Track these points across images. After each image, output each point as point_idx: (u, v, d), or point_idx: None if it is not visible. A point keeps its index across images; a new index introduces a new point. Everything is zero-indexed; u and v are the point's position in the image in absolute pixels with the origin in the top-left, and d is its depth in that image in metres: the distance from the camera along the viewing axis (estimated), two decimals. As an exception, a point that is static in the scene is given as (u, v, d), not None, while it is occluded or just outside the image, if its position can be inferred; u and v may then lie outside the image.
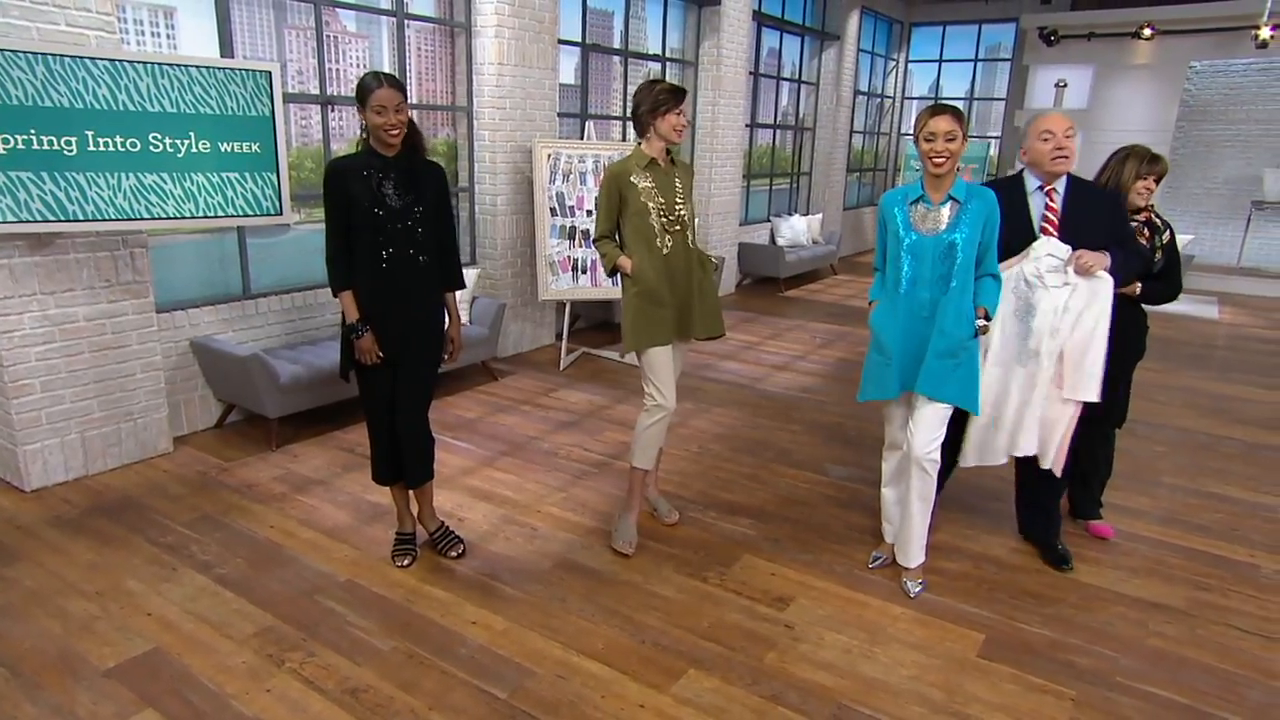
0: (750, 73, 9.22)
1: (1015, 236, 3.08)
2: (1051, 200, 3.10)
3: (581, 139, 6.63)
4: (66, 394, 3.88)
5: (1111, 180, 3.38)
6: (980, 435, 3.25)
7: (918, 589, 3.19)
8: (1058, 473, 3.28)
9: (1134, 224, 3.35)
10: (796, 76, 10.78)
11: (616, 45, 7.53)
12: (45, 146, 3.42)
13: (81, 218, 3.54)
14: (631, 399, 5.30)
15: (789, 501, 3.97)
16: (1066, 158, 3.02)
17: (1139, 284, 3.35)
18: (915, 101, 13.74)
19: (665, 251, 3.25)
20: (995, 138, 12.78)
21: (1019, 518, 3.64)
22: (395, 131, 2.84)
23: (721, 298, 8.78)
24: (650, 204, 3.21)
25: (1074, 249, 3.01)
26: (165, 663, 2.64)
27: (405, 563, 3.25)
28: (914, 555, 3.22)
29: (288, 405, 4.34)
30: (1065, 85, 10.85)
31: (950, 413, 3.04)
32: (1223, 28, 9.75)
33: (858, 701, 2.57)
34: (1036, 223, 3.11)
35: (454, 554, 3.31)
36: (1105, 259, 3.01)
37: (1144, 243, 3.33)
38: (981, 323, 2.98)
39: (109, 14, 3.75)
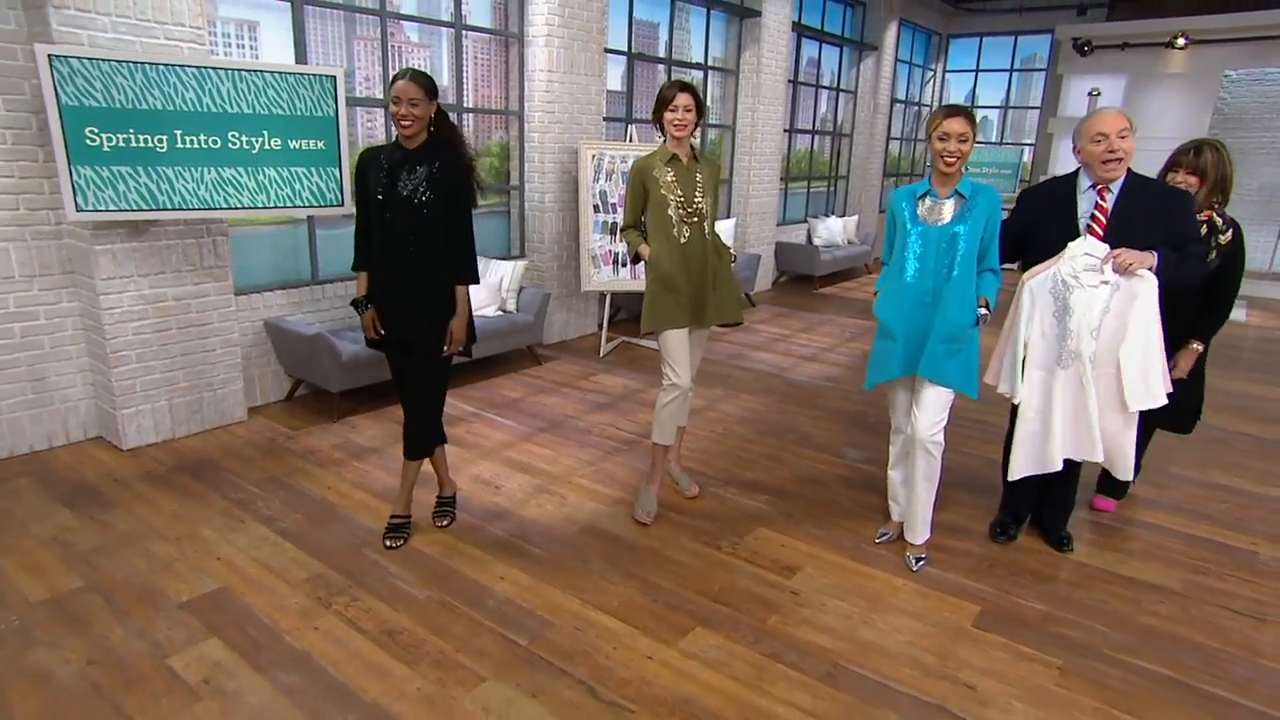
0: (789, 81, 9.13)
1: (1060, 235, 2.91)
2: (1102, 199, 2.86)
3: (625, 141, 6.67)
4: (157, 365, 4.08)
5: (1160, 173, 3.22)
6: (1032, 443, 3.03)
7: (920, 563, 3.17)
8: (1131, 479, 3.09)
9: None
10: (835, 85, 10.64)
11: (661, 54, 7.54)
12: (141, 144, 3.61)
13: (170, 207, 3.73)
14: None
15: (806, 481, 3.96)
16: (1120, 160, 2.77)
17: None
18: (952, 109, 13.44)
19: (682, 241, 3.27)
20: (1030, 145, 12.43)
21: (1034, 508, 3.44)
22: (407, 123, 2.79)
23: (758, 293, 8.84)
24: (670, 196, 3.24)
25: (1116, 248, 2.79)
26: (230, 600, 2.79)
27: (392, 544, 3.14)
28: (919, 532, 3.21)
29: (348, 381, 4.47)
30: (1099, 94, 10.47)
31: (952, 398, 3.01)
32: (1257, 36, 9.28)
33: (853, 662, 2.58)
34: (1083, 221, 2.91)
35: (441, 523, 3.33)
36: (1148, 258, 2.74)
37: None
38: (982, 311, 2.94)
39: (200, 28, 3.93)
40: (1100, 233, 2.86)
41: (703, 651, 2.60)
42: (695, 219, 3.28)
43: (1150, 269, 2.77)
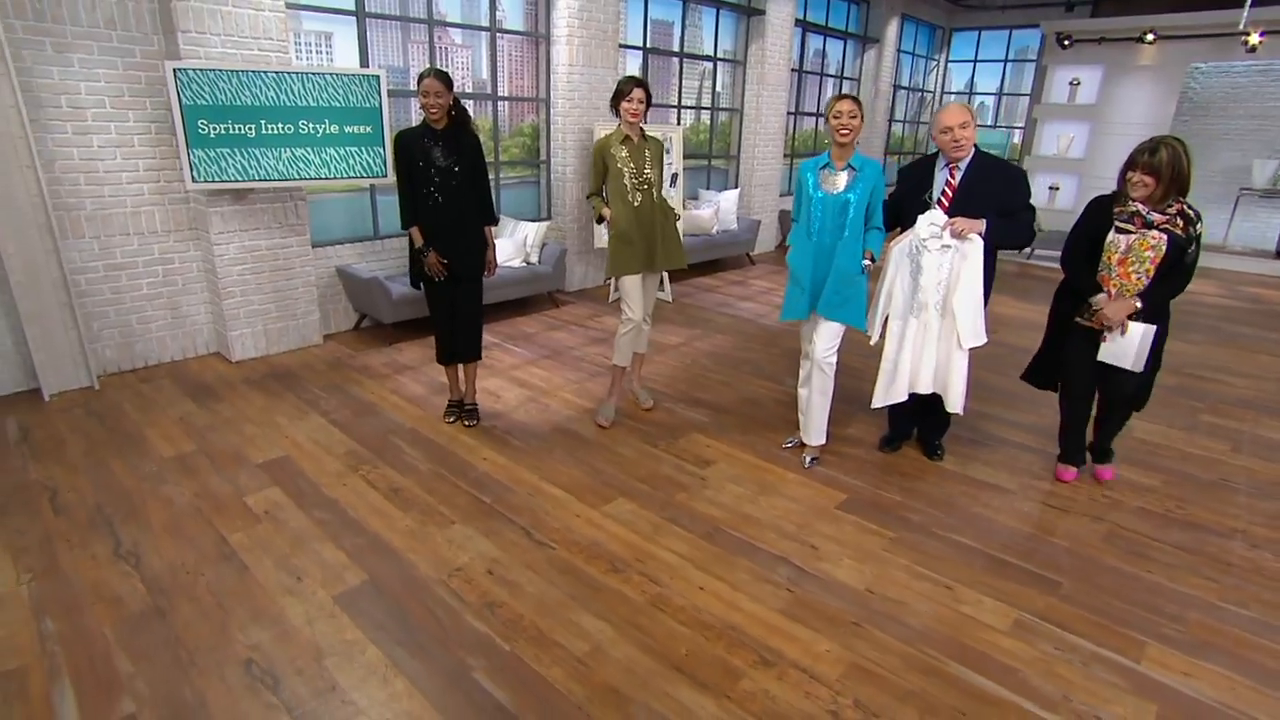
0: (793, 70, 9.04)
1: (918, 208, 3.08)
2: (952, 176, 3.04)
3: (639, 126, 6.84)
4: (255, 299, 4.60)
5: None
6: (885, 380, 3.24)
7: (813, 463, 3.42)
8: (960, 412, 3.16)
9: (1165, 215, 2.79)
10: (840, 73, 10.43)
11: (675, 49, 7.61)
12: (236, 132, 4.05)
13: (258, 178, 4.19)
14: (655, 325, 5.62)
15: (745, 401, 4.21)
16: (961, 146, 2.96)
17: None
18: (953, 96, 12.95)
19: (635, 204, 3.52)
20: (1020, 128, 11.96)
21: (916, 425, 3.62)
22: (434, 112, 3.14)
23: (759, 254, 8.98)
24: (625, 169, 3.48)
25: (955, 216, 2.95)
26: (290, 464, 3.30)
27: (451, 420, 3.75)
28: (814, 436, 3.43)
29: (398, 315, 4.87)
30: (1079, 83, 9.98)
31: (843, 329, 3.20)
32: (1216, 34, 8.68)
33: (731, 528, 2.90)
34: (935, 195, 3.08)
35: (469, 423, 3.72)
36: (978, 224, 2.93)
37: (1179, 232, 2.78)
38: (866, 263, 3.12)
39: (285, 41, 4.31)
40: (947, 204, 3.03)
41: (618, 514, 2.97)
42: (645, 186, 3.53)
43: (979, 234, 2.94)
